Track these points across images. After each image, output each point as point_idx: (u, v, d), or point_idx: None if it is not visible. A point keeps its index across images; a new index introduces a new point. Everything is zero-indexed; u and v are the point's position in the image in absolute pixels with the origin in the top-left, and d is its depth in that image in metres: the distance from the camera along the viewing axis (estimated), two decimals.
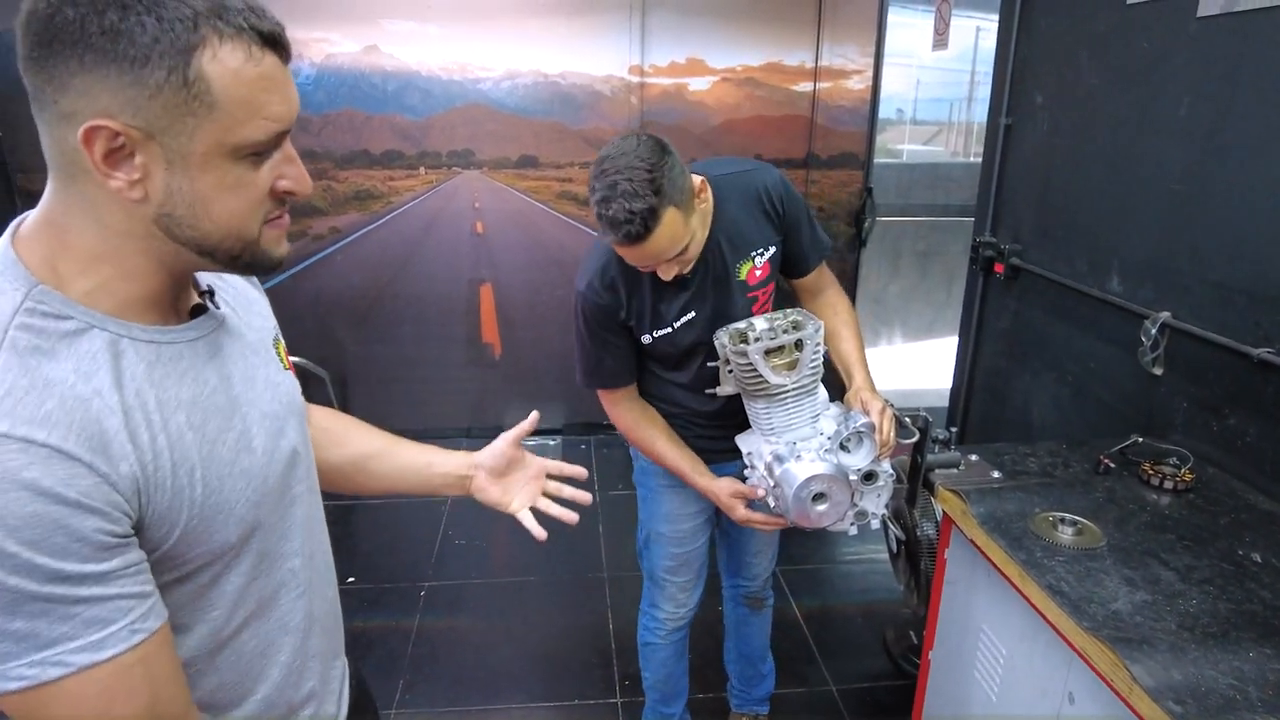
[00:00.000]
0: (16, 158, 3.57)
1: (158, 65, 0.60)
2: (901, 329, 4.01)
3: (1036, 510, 1.50)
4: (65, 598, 0.61)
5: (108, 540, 0.63)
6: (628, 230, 1.33)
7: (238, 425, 0.77)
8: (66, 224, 0.67)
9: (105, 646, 0.63)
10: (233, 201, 0.67)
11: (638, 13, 3.64)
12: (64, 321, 0.65)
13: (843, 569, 3.03)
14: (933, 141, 4.24)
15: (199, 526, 0.71)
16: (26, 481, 0.58)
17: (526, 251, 3.92)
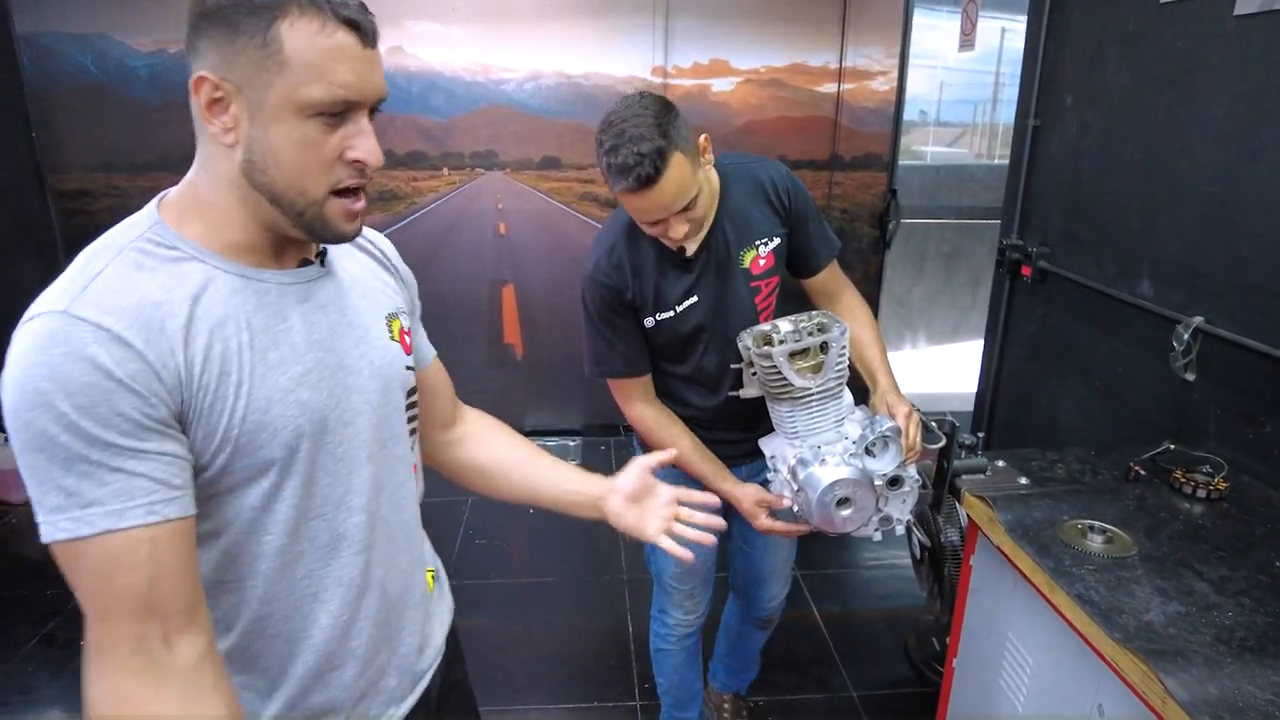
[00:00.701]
0: (49, 158, 3.62)
1: (246, 29, 0.74)
2: (926, 332, 3.97)
3: (1065, 518, 1.47)
4: (103, 464, 0.71)
5: (144, 421, 0.73)
6: (638, 173, 1.33)
7: (308, 363, 0.86)
8: (195, 180, 0.83)
9: (124, 517, 0.73)
10: (298, 155, 0.78)
11: (661, 14, 3.63)
12: (171, 251, 0.80)
13: (864, 574, 3.01)
14: (957, 143, 4.19)
15: (243, 438, 0.80)
16: (88, 355, 0.71)
17: (549, 252, 3.92)
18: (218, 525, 0.83)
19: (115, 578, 0.73)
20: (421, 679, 1.07)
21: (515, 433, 1.27)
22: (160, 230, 0.80)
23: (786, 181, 1.62)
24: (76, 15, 3.47)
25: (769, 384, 1.47)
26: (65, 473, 0.71)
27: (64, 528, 0.71)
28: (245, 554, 0.85)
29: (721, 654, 2.25)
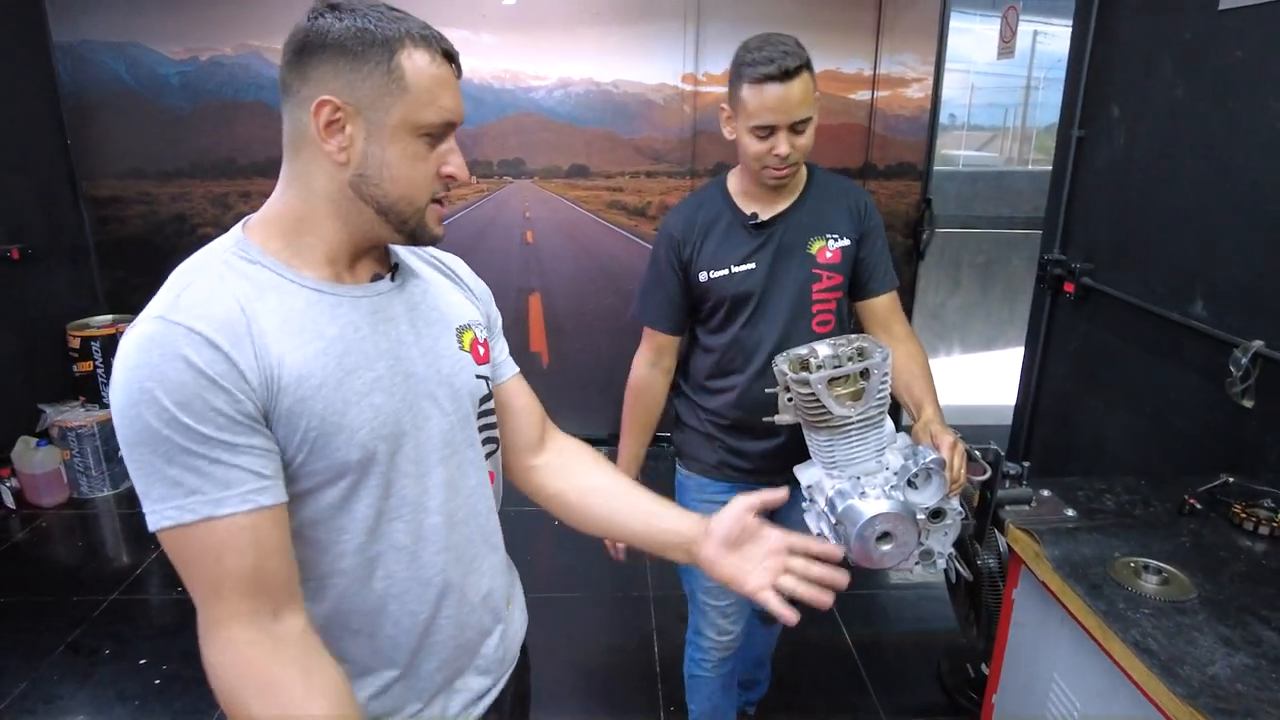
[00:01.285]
0: (83, 164, 3.65)
1: (371, 58, 0.84)
2: (961, 344, 3.88)
3: (1116, 554, 1.40)
4: (203, 455, 0.78)
5: (236, 416, 0.80)
6: (781, 64, 1.42)
7: (380, 370, 0.92)
8: (282, 197, 0.91)
9: (224, 504, 0.79)
10: (410, 170, 0.88)
11: (692, 20, 3.59)
12: (252, 265, 0.87)
13: (896, 595, 2.93)
14: (987, 147, 4.11)
15: (320, 439, 0.86)
16: (182, 355, 0.78)
17: (576, 261, 3.89)
18: (299, 523, 0.89)
19: (223, 559, 0.80)
20: (499, 682, 1.12)
21: (609, 463, 1.26)
22: (244, 246, 0.88)
23: (870, 204, 1.71)
24: (111, 24, 3.49)
25: (806, 412, 1.41)
26: (168, 464, 0.78)
27: (169, 515, 0.79)
28: (327, 552, 0.91)
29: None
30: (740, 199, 1.66)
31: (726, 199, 1.66)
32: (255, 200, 3.75)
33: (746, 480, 1.77)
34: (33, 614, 2.76)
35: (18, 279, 3.38)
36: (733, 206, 1.65)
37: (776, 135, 1.50)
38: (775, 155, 1.51)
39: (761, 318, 1.66)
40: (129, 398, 0.78)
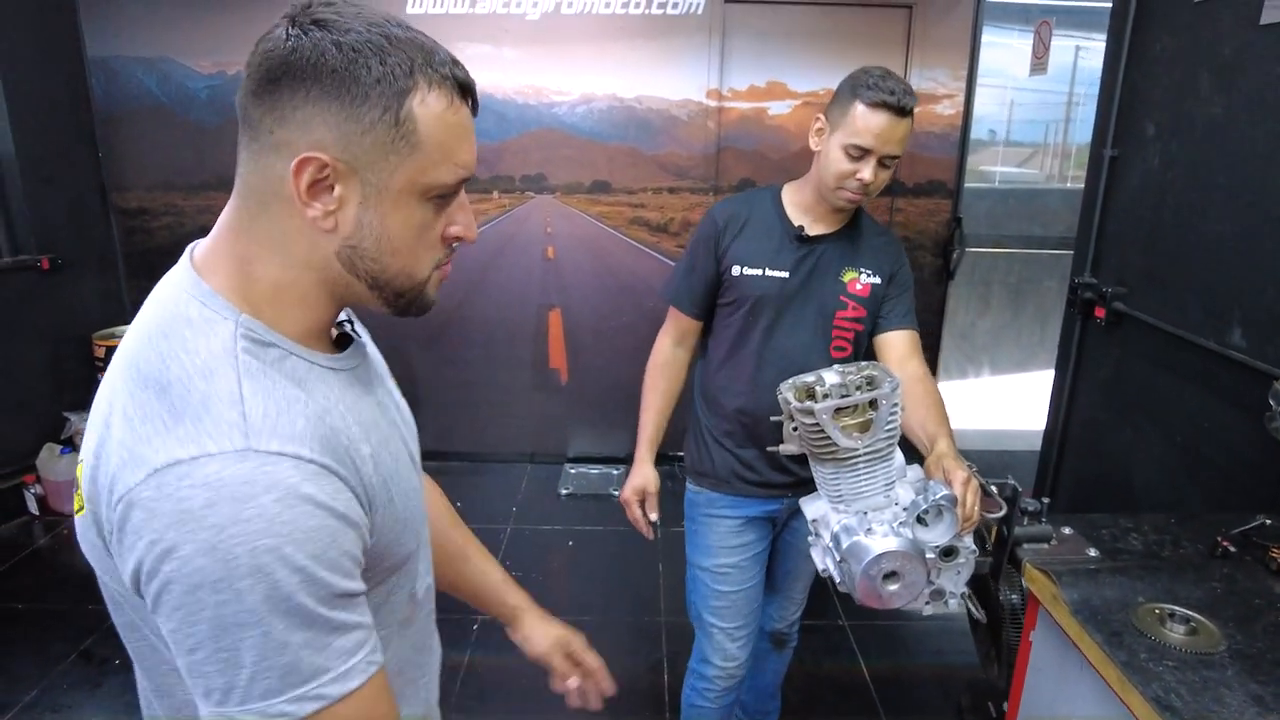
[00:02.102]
0: (112, 176, 3.72)
1: (375, 104, 0.65)
2: (990, 367, 3.77)
3: (1140, 600, 1.32)
4: (331, 622, 0.62)
5: (360, 558, 0.66)
6: (901, 101, 1.48)
7: (398, 446, 0.81)
8: (250, 255, 0.70)
9: (352, 677, 0.64)
10: (413, 240, 0.71)
11: (717, 35, 3.55)
12: (270, 349, 0.69)
13: (916, 627, 2.83)
14: (1027, 164, 4.02)
15: (392, 539, 0.75)
16: (306, 495, 0.61)
17: (596, 277, 3.86)
18: None
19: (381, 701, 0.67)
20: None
21: (455, 515, 1.20)
22: (250, 324, 0.68)
23: (902, 251, 1.76)
24: (143, 39, 3.55)
25: (811, 442, 1.35)
26: (286, 643, 0.60)
27: (285, 711, 0.61)
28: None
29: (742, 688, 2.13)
30: (791, 209, 1.68)
31: (777, 206, 1.69)
32: None
33: (755, 495, 1.75)
34: (49, 620, 2.77)
35: (46, 288, 3.43)
36: (782, 214, 1.68)
37: (866, 160, 1.52)
38: (858, 179, 1.53)
39: (781, 328, 1.67)
40: (237, 565, 0.58)
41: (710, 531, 1.78)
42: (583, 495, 3.77)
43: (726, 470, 1.75)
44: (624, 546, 3.30)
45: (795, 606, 1.96)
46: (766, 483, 1.73)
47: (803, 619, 2.76)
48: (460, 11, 3.54)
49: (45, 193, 3.47)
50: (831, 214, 1.66)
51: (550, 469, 4.03)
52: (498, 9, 3.55)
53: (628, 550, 3.26)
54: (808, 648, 2.70)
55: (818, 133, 1.61)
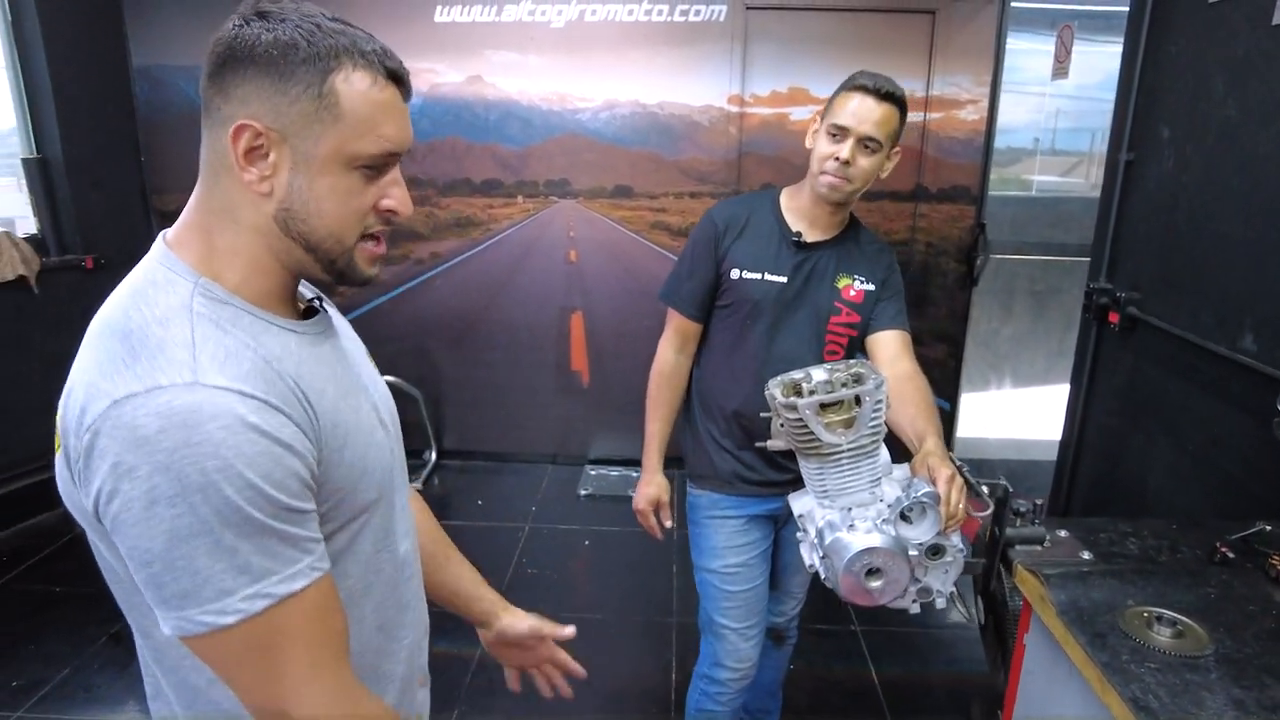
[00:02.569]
0: (153, 180, 3.86)
1: (300, 80, 0.74)
2: (1012, 375, 3.73)
3: (1130, 603, 1.31)
4: (278, 532, 0.71)
5: (307, 481, 0.74)
6: (880, 85, 1.53)
7: (366, 405, 0.88)
8: (210, 225, 0.79)
9: (298, 579, 0.73)
10: (339, 206, 0.78)
11: (739, 41, 3.58)
12: (227, 306, 0.77)
13: (929, 634, 2.81)
14: (1071, 173, 3.95)
15: (348, 485, 0.82)
16: (251, 424, 0.69)
17: (618, 281, 3.90)
18: None
19: (309, 628, 0.74)
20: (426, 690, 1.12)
21: (435, 523, 1.24)
22: (208, 286, 0.76)
23: (895, 262, 1.77)
24: (185, 48, 3.70)
25: (796, 438, 1.37)
26: (236, 551, 0.68)
27: (238, 609, 0.69)
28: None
29: None
30: (789, 215, 1.71)
31: (776, 210, 1.72)
32: None
33: (758, 494, 1.77)
34: (83, 603, 2.88)
35: (90, 287, 3.57)
36: (780, 219, 1.71)
37: (844, 140, 1.56)
38: (836, 159, 1.57)
39: (778, 333, 1.70)
40: (185, 483, 0.66)
41: (715, 533, 1.79)
42: (602, 496, 3.81)
43: (729, 472, 1.76)
44: (639, 548, 3.32)
45: (794, 602, 1.96)
46: (768, 481, 1.75)
47: (815, 623, 2.77)
48: (487, 20, 3.62)
49: (90, 195, 3.62)
50: (827, 219, 1.68)
51: (571, 470, 4.07)
52: (524, 17, 3.62)
53: (643, 552, 3.27)
54: (817, 650, 2.70)
55: (813, 135, 1.64)
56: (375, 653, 0.93)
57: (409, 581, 0.98)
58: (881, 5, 3.49)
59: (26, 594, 2.97)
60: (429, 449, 4.06)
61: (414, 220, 3.91)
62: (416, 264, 3.96)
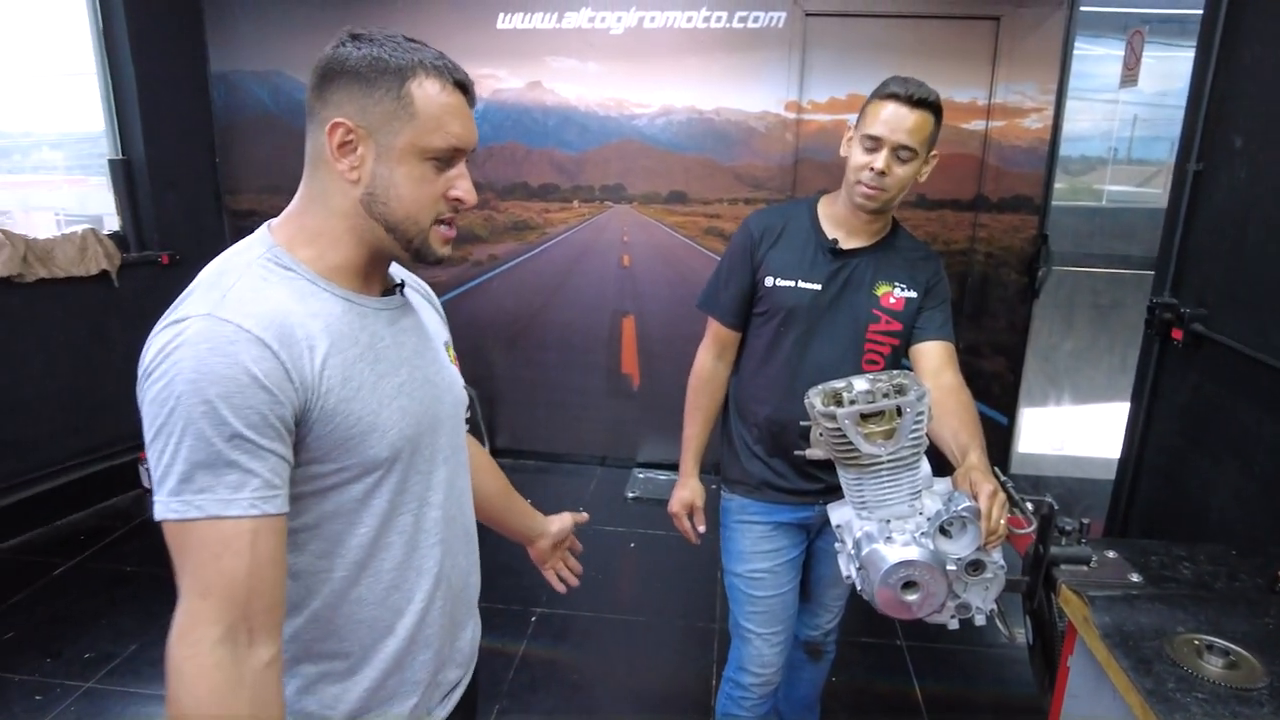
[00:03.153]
0: (226, 181, 4.03)
1: (382, 85, 0.89)
2: (1072, 391, 3.62)
3: (1179, 629, 1.26)
4: (222, 455, 0.80)
5: (269, 419, 0.83)
6: (914, 92, 1.51)
7: (404, 375, 0.99)
8: (304, 210, 0.95)
9: (232, 506, 0.81)
10: (415, 191, 0.92)
11: (798, 47, 3.56)
12: (288, 271, 0.92)
13: (978, 652, 2.74)
14: (1148, 183, 3.81)
15: (357, 437, 0.92)
16: (230, 352, 0.81)
17: (670, 286, 3.92)
18: (318, 518, 0.94)
19: (221, 559, 0.80)
20: (468, 674, 1.19)
21: (494, 464, 1.45)
22: (277, 253, 0.92)
23: (941, 270, 1.74)
24: (260, 55, 3.85)
25: (835, 448, 1.36)
26: (189, 456, 0.80)
27: (174, 509, 0.80)
28: (339, 545, 0.96)
29: (779, 699, 2.13)
30: (826, 222, 1.70)
31: (813, 218, 1.71)
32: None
33: (787, 502, 1.77)
34: (152, 583, 3.03)
35: (165, 281, 3.74)
36: (817, 227, 1.70)
37: (879, 151, 1.54)
38: (870, 169, 1.55)
39: (814, 340, 1.69)
40: (169, 387, 0.79)
41: (742, 537, 1.80)
42: (648, 499, 3.82)
43: (758, 477, 1.76)
44: (684, 552, 3.29)
45: (830, 615, 1.94)
46: (797, 490, 1.74)
47: (859, 636, 2.74)
48: (547, 27, 3.67)
49: (168, 195, 3.80)
50: (865, 226, 1.66)
51: (619, 473, 4.10)
52: (583, 24, 3.66)
53: (688, 556, 3.26)
54: (860, 664, 2.67)
55: (847, 142, 1.63)
56: (381, 606, 1.00)
57: (434, 548, 1.05)
58: (944, 12, 3.43)
59: (101, 571, 3.13)
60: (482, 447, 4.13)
61: (473, 223, 3.99)
62: (475, 266, 4.05)
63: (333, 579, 0.96)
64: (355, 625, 0.99)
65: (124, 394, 3.96)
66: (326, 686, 0.99)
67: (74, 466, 3.55)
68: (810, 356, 1.68)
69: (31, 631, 2.74)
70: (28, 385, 3.36)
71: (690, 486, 1.85)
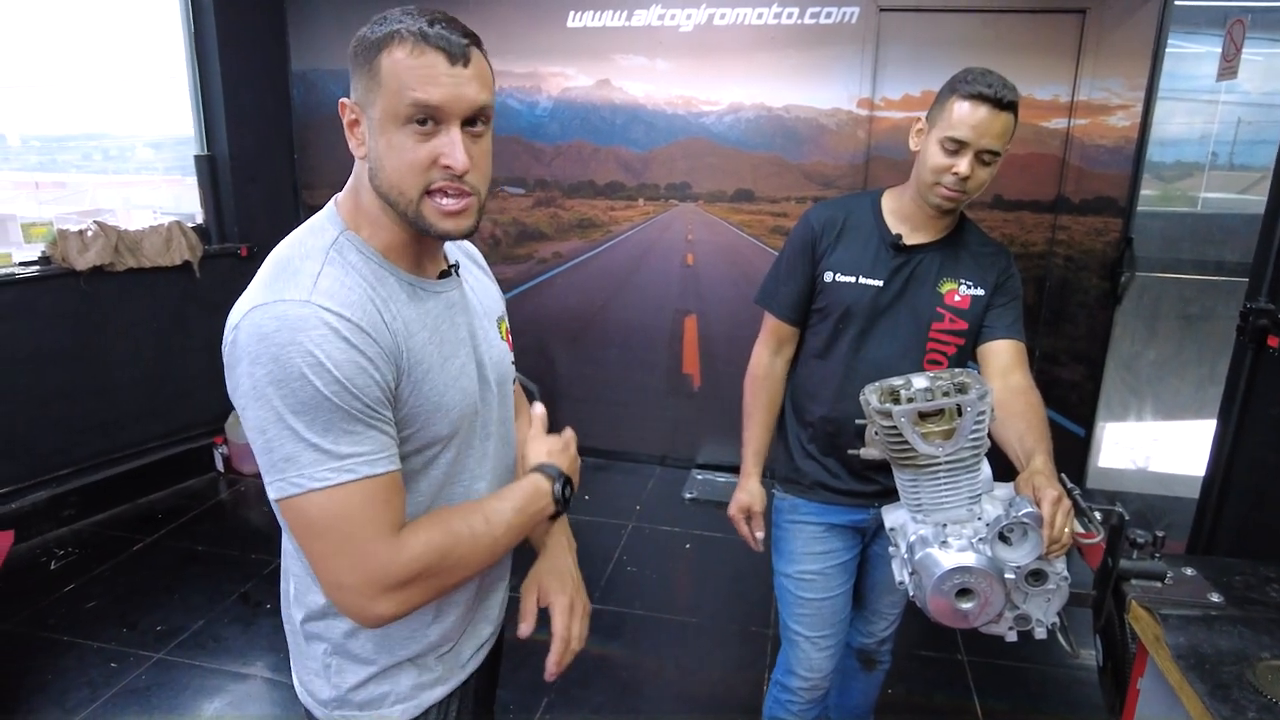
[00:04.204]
0: (304, 176, 4.17)
1: (365, 60, 0.91)
2: (1154, 402, 3.43)
3: (1264, 655, 1.18)
4: (362, 420, 0.88)
5: (382, 394, 0.90)
6: (1000, 93, 1.44)
7: (463, 356, 1.04)
8: (357, 188, 0.98)
9: (379, 464, 0.90)
10: (396, 160, 0.91)
11: (871, 43, 3.48)
12: (362, 255, 0.95)
13: (1044, 671, 2.62)
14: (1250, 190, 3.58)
15: (424, 415, 0.97)
16: (343, 335, 0.86)
17: (734, 286, 3.87)
18: None
19: (390, 503, 0.90)
20: (495, 634, 1.24)
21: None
22: (350, 237, 0.96)
23: (1013, 267, 1.67)
24: (336, 54, 3.98)
25: (891, 447, 1.31)
26: (325, 431, 0.85)
27: (323, 477, 0.86)
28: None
29: (830, 707, 2.07)
30: (890, 217, 1.64)
31: (876, 212, 1.65)
32: None
33: (840, 503, 1.72)
34: (220, 563, 3.15)
35: (243, 271, 3.87)
36: (880, 221, 1.64)
37: (963, 154, 1.48)
38: (954, 174, 1.49)
39: (872, 338, 1.64)
40: (288, 369, 0.84)
41: (793, 538, 1.76)
42: (706, 501, 3.79)
43: (811, 477, 1.72)
44: (741, 555, 3.24)
45: (885, 623, 1.88)
46: (851, 491, 1.69)
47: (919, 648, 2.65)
48: (617, 25, 3.68)
49: (249, 189, 3.95)
50: (931, 222, 1.60)
51: (678, 473, 4.08)
52: (653, 22, 3.66)
53: (743, 560, 3.23)
54: (919, 678, 2.58)
55: (918, 133, 1.57)
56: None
57: None
58: (1025, 5, 3.30)
59: (175, 549, 3.26)
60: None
61: (539, 221, 4.03)
62: (540, 263, 4.08)
63: None
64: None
65: (201, 380, 4.14)
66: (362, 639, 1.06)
67: (155, 448, 3.72)
68: (868, 354, 1.63)
69: (111, 602, 2.88)
70: (116, 369, 3.54)
71: (749, 490, 1.77)
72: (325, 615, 1.05)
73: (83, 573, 3.07)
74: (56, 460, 3.37)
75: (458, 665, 1.15)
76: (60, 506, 3.38)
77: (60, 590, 2.95)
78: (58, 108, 3.92)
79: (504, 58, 3.81)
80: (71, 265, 3.30)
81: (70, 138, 4.21)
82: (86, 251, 3.33)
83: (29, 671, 2.50)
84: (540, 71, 3.82)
